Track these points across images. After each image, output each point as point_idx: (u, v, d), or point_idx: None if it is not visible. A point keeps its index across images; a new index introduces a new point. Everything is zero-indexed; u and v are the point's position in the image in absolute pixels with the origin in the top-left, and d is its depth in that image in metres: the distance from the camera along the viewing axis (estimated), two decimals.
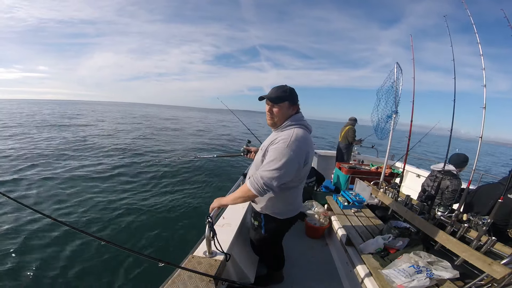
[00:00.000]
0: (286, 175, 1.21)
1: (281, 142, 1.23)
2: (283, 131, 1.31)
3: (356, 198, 2.79)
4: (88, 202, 4.64)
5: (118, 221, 4.05)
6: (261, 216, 1.48)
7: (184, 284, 1.11)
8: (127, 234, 3.73)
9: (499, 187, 1.97)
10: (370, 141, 5.28)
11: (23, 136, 11.14)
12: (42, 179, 5.65)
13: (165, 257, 1.03)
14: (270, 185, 1.18)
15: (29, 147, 8.83)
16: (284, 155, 1.18)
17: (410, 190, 3.96)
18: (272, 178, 1.18)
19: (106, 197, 4.93)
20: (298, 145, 1.22)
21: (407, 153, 2.95)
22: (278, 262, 1.84)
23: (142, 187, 5.66)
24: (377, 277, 1.56)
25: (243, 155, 2.04)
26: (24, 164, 6.72)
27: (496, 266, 1.29)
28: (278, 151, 1.21)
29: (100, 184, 5.66)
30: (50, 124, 16.95)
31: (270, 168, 1.19)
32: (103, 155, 8.60)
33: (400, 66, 2.81)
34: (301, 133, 1.28)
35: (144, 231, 3.81)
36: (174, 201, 5.01)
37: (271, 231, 1.51)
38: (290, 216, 1.48)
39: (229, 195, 1.40)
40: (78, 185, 5.44)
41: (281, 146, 1.21)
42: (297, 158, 1.22)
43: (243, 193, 1.28)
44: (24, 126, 15.03)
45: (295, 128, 1.29)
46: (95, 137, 12.48)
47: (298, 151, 1.22)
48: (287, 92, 1.31)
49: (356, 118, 4.89)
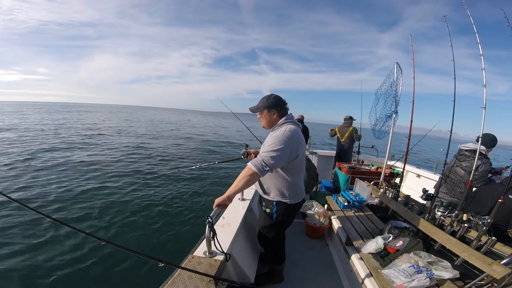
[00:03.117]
0: (282, 157, 1.43)
1: (278, 132, 1.51)
2: (280, 127, 1.57)
3: (356, 198, 2.79)
4: (88, 202, 4.64)
5: (118, 221, 4.05)
6: (273, 203, 1.65)
7: (184, 284, 1.11)
8: (127, 234, 3.73)
9: (499, 187, 1.97)
10: (370, 141, 5.27)
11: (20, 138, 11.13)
12: (41, 178, 5.66)
13: (165, 257, 1.03)
14: (268, 163, 1.37)
15: (24, 147, 8.83)
16: (280, 140, 1.43)
17: (410, 190, 3.96)
18: (271, 157, 1.38)
19: (106, 197, 4.93)
20: (291, 135, 1.48)
21: (407, 153, 2.95)
22: (280, 255, 1.87)
23: (142, 187, 5.66)
24: (377, 277, 1.56)
25: (243, 157, 2.13)
26: (23, 163, 6.74)
27: (496, 266, 1.29)
28: (275, 137, 1.47)
29: (100, 184, 5.66)
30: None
31: (268, 149, 1.42)
32: (103, 155, 8.60)
33: (400, 66, 2.81)
34: (293, 127, 1.55)
35: (144, 231, 3.81)
36: (174, 201, 5.01)
37: (281, 217, 1.67)
38: (298, 201, 1.68)
39: (230, 187, 1.42)
40: (78, 185, 5.44)
41: (278, 134, 1.48)
42: (291, 145, 1.46)
43: (245, 173, 1.40)
44: (32, 130, 15.02)
45: (288, 125, 1.56)
46: (95, 137, 12.49)
47: (291, 140, 1.46)
48: (264, 102, 1.60)
49: (351, 116, 4.87)
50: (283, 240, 1.89)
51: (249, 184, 1.43)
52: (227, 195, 1.39)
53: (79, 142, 11.17)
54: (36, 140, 10.76)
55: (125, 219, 4.11)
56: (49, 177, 5.83)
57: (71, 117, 28.27)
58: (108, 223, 3.96)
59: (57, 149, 9.11)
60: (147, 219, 4.19)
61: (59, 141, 10.73)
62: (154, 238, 3.67)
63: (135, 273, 2.84)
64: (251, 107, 1.68)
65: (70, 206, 4.43)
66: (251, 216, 2.34)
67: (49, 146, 9.54)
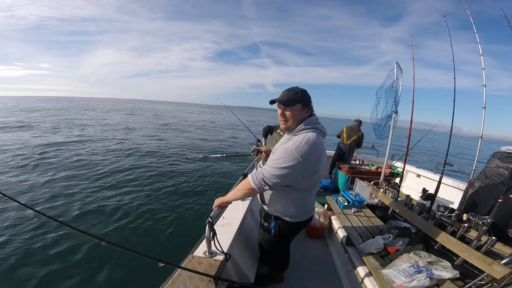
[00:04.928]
0: (288, 177, 1.19)
1: (291, 143, 1.20)
2: (296, 135, 1.26)
3: (356, 198, 2.79)
4: (87, 202, 4.64)
5: (118, 221, 4.04)
6: (271, 218, 1.47)
7: (184, 284, 1.11)
8: (127, 234, 3.73)
9: (499, 187, 1.97)
10: (370, 141, 5.27)
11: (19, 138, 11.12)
12: (41, 179, 5.66)
13: (165, 257, 1.03)
14: (269, 182, 1.18)
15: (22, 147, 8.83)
16: (290, 157, 1.15)
17: (410, 190, 3.96)
18: (273, 175, 1.17)
19: (105, 197, 4.93)
20: (308, 152, 1.16)
21: (407, 153, 2.95)
22: (281, 264, 1.82)
23: (142, 187, 5.65)
24: (377, 277, 1.56)
25: (253, 155, 1.96)
26: (20, 163, 6.73)
27: (496, 266, 1.29)
28: (286, 151, 1.17)
29: (99, 184, 5.66)
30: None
31: (273, 165, 1.18)
32: (103, 155, 8.59)
33: (400, 66, 2.81)
34: (314, 138, 1.21)
35: (144, 231, 3.81)
36: (174, 201, 5.01)
37: (280, 233, 1.49)
38: (300, 220, 1.45)
39: (230, 192, 1.41)
40: (77, 185, 5.44)
41: (290, 147, 1.17)
42: (305, 163, 1.16)
43: (243, 186, 1.29)
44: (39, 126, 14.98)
45: (308, 133, 1.23)
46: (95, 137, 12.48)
47: (307, 157, 1.16)
48: (299, 94, 1.26)
49: (361, 120, 4.82)
50: (283, 254, 1.75)
51: (247, 196, 1.36)
52: (226, 200, 1.39)
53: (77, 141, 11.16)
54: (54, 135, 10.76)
55: (124, 218, 4.11)
56: (49, 176, 5.83)
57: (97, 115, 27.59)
58: (107, 223, 3.95)
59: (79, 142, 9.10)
60: (147, 218, 4.18)
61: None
62: (154, 238, 3.67)
63: (134, 273, 2.84)
64: (275, 98, 1.29)
65: (70, 206, 4.43)
66: (251, 216, 2.34)
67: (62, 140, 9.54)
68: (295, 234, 1.59)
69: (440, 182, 2.32)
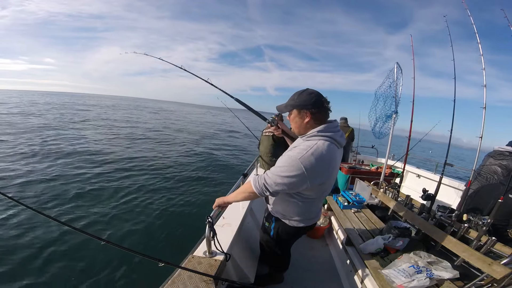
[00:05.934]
0: (288, 186, 1.14)
1: (297, 151, 1.12)
2: (306, 141, 1.17)
3: (356, 198, 2.79)
4: (87, 202, 4.64)
5: (118, 221, 4.04)
6: (272, 218, 1.45)
7: (184, 284, 1.11)
8: (127, 234, 3.72)
9: (499, 187, 1.97)
10: (370, 141, 5.28)
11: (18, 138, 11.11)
12: (41, 178, 5.65)
13: (165, 257, 1.03)
14: (270, 189, 1.15)
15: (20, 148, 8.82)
16: (293, 166, 1.08)
17: (410, 190, 3.97)
18: (274, 183, 1.13)
19: (105, 197, 4.92)
20: (312, 164, 1.07)
21: (407, 153, 2.95)
22: (281, 265, 1.81)
23: (141, 187, 5.65)
24: (377, 277, 1.56)
25: (268, 121, 1.63)
26: (19, 162, 6.73)
27: (496, 266, 1.29)
28: (290, 160, 1.11)
29: (99, 184, 5.65)
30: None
31: (276, 172, 1.14)
32: (102, 154, 8.59)
33: (400, 66, 2.81)
34: (323, 148, 1.11)
35: (144, 231, 3.81)
36: (174, 201, 5.00)
37: (279, 235, 1.46)
38: (301, 226, 1.39)
39: (231, 193, 1.40)
40: (76, 185, 5.43)
41: (295, 156, 1.09)
42: (306, 177, 1.09)
43: (245, 189, 1.28)
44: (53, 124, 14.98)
45: (319, 141, 1.13)
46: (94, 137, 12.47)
47: (311, 169, 1.08)
48: (294, 100, 1.20)
49: (347, 117, 5.06)
50: (284, 255, 1.69)
51: (248, 199, 1.33)
52: (226, 200, 1.38)
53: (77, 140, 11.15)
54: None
55: (125, 219, 4.11)
56: (49, 176, 5.83)
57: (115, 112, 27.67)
58: (107, 223, 3.95)
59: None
60: (147, 218, 4.18)
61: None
62: (154, 237, 3.67)
63: (134, 273, 2.84)
64: (279, 105, 1.28)
65: (70, 206, 4.43)
66: (251, 216, 2.34)
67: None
68: (295, 238, 1.55)
69: (440, 182, 2.32)
